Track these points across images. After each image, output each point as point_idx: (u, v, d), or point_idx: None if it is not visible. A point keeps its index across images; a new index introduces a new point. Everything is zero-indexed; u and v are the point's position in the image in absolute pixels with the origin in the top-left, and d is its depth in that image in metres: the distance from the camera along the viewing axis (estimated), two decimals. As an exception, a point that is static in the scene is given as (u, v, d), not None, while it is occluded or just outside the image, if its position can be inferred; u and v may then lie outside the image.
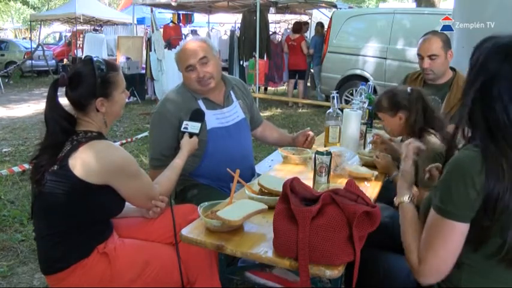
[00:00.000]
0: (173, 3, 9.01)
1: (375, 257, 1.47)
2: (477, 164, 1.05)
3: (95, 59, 1.53)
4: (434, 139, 1.80)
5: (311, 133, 2.42)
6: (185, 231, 1.40)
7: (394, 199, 1.37)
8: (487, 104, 1.08)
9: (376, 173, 1.92)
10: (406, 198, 1.33)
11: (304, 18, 11.65)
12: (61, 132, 1.48)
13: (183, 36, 11.15)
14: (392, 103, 1.95)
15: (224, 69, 9.20)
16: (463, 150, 1.12)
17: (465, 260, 1.13)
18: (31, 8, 22.01)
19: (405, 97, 1.92)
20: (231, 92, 2.26)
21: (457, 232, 1.09)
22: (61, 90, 1.53)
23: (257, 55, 8.32)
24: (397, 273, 1.41)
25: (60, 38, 18.64)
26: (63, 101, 1.54)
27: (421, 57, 2.44)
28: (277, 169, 2.11)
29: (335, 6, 9.58)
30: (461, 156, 1.11)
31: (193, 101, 2.12)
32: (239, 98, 2.29)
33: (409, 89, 1.96)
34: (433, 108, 1.90)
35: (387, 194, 2.09)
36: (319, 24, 9.07)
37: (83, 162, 1.42)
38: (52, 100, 1.51)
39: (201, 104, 2.12)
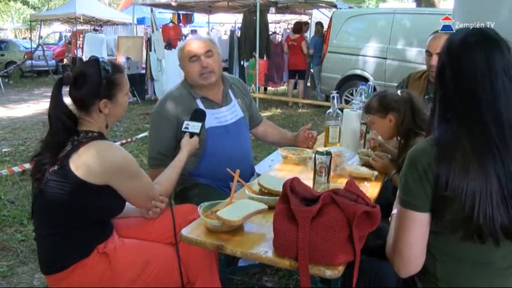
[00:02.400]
0: (173, 3, 9.00)
1: (365, 260, 1.46)
2: (429, 155, 1.11)
3: (101, 60, 1.53)
4: (420, 140, 1.82)
5: (314, 132, 2.42)
6: (185, 231, 1.40)
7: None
8: (442, 90, 1.17)
9: (376, 173, 1.92)
10: (394, 211, 1.37)
11: (304, 18, 11.64)
12: (63, 130, 1.48)
13: (183, 37, 11.16)
14: (382, 105, 1.97)
15: (224, 69, 9.18)
16: (419, 143, 1.19)
17: (433, 248, 1.19)
18: (31, 8, 21.97)
19: (395, 99, 1.94)
20: (229, 91, 2.27)
21: (418, 222, 1.15)
22: (64, 90, 1.53)
23: (257, 55, 8.32)
24: (387, 278, 1.41)
25: (60, 38, 18.64)
26: (66, 100, 1.54)
27: (429, 54, 2.41)
28: (277, 169, 2.11)
29: (335, 6, 9.58)
30: (414, 149, 1.17)
31: (192, 101, 2.12)
32: (238, 97, 2.29)
33: (399, 91, 2.00)
34: (422, 110, 1.92)
35: (387, 193, 2.09)
36: (319, 24, 9.07)
37: (83, 163, 1.42)
38: (56, 98, 1.50)
39: (200, 104, 2.12)
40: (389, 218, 1.40)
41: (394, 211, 1.37)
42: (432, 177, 1.10)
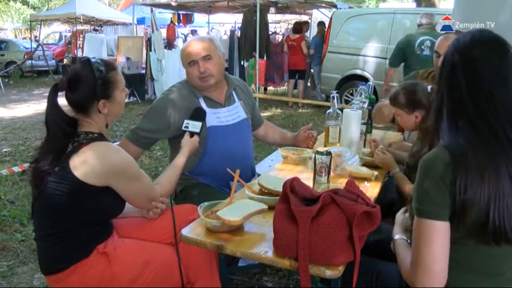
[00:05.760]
0: (173, 3, 9.01)
1: (367, 261, 1.46)
2: (443, 161, 1.08)
3: (93, 60, 1.52)
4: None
5: (314, 133, 2.42)
6: (185, 231, 1.40)
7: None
8: (453, 92, 1.13)
9: (376, 173, 1.92)
10: (396, 237, 1.34)
11: (304, 18, 11.64)
12: (63, 136, 1.46)
13: (183, 36, 11.18)
14: (410, 101, 1.88)
15: (224, 69, 9.19)
16: (432, 151, 1.14)
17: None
18: (31, 8, 22.00)
19: (425, 96, 1.85)
20: (233, 92, 2.28)
21: (438, 230, 1.09)
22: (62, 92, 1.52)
23: (257, 55, 8.32)
24: (387, 278, 1.41)
25: (60, 38, 18.63)
26: (64, 101, 1.53)
27: (438, 55, 2.39)
28: (277, 169, 2.11)
29: (335, 6, 9.57)
30: (427, 157, 1.13)
31: (195, 99, 2.12)
32: (241, 99, 2.30)
33: (429, 88, 1.88)
34: None
35: (387, 193, 2.09)
36: (322, 24, 9.02)
37: (83, 164, 1.42)
38: (52, 105, 1.49)
39: (202, 102, 2.12)
40: (391, 245, 1.35)
41: (397, 236, 1.33)
42: (449, 183, 1.07)
